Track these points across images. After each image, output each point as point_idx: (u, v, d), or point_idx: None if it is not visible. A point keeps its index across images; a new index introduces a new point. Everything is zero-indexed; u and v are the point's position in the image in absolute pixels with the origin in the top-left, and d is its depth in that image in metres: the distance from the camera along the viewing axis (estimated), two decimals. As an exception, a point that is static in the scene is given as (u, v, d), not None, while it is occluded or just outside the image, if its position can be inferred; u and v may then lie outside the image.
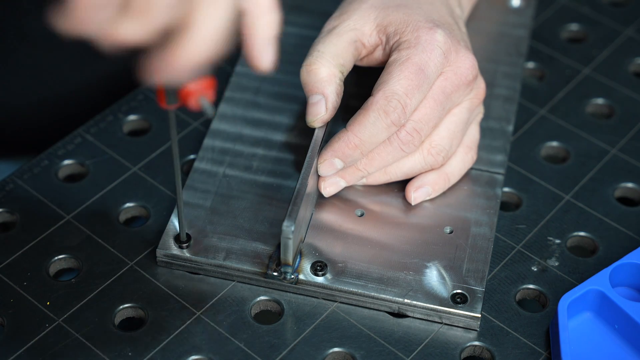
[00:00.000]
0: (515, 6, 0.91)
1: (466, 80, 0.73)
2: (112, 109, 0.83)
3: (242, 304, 0.71)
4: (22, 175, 0.78)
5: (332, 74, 0.72)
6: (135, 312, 0.71)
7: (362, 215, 0.75)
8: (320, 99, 0.72)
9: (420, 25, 0.73)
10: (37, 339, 0.69)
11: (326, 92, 0.72)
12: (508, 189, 0.79)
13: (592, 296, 0.70)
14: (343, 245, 0.73)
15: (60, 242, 0.74)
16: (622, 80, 0.88)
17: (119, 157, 0.80)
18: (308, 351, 0.69)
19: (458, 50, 0.73)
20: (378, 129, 0.71)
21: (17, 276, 0.72)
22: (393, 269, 0.72)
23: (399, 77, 0.71)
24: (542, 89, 0.87)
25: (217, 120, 0.80)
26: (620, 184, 0.80)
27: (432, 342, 0.70)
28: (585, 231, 0.77)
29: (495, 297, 0.72)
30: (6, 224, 0.76)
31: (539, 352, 0.70)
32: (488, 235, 0.74)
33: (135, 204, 0.77)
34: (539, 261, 0.75)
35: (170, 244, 0.72)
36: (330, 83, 0.72)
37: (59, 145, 0.80)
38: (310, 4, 0.90)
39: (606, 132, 0.84)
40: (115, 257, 0.73)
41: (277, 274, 0.71)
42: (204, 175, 0.77)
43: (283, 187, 0.76)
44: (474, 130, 0.78)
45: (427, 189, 0.75)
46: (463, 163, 0.77)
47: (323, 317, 0.71)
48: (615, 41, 0.91)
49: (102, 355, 0.68)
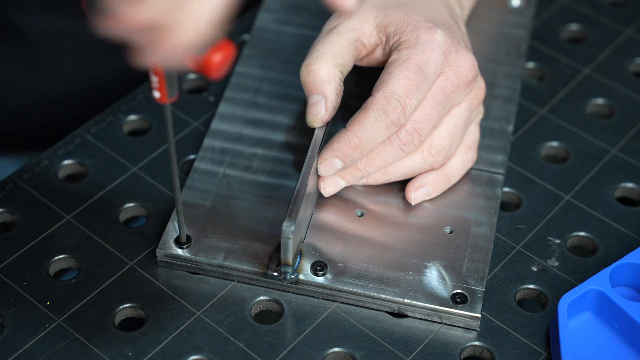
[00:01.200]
0: (515, 6, 0.91)
1: (466, 80, 0.73)
2: (112, 109, 0.83)
3: (242, 304, 0.71)
4: (22, 175, 0.78)
5: (332, 73, 0.72)
6: (135, 312, 0.71)
7: (362, 215, 0.75)
8: (320, 99, 0.72)
9: (420, 25, 0.73)
10: (37, 339, 0.69)
11: (326, 92, 0.72)
12: (508, 189, 0.79)
13: (592, 296, 0.70)
14: (343, 245, 0.73)
15: (60, 242, 0.74)
16: (622, 80, 0.88)
17: (119, 157, 0.80)
18: (308, 351, 0.69)
19: (458, 50, 0.73)
20: (378, 129, 0.71)
21: (17, 276, 0.72)
22: (393, 269, 0.72)
23: (399, 77, 0.71)
24: (542, 89, 0.87)
25: (217, 120, 0.80)
26: (620, 184, 0.80)
27: (432, 342, 0.70)
28: (585, 231, 0.77)
29: (495, 297, 0.72)
30: (6, 224, 0.76)
31: (539, 352, 0.70)
32: (488, 235, 0.74)
33: (135, 204, 0.77)
34: (539, 261, 0.75)
35: (170, 244, 0.72)
36: (330, 83, 0.72)
37: (59, 145, 0.80)
38: (310, 4, 0.89)
39: (606, 132, 0.84)
40: (115, 257, 0.73)
41: (277, 274, 0.71)
42: (204, 175, 0.77)
43: (283, 187, 0.76)
44: (474, 130, 0.78)
45: (427, 189, 0.75)
46: (463, 163, 0.77)
47: (323, 317, 0.71)
48: (615, 41, 0.91)
49: (102, 355, 0.68)
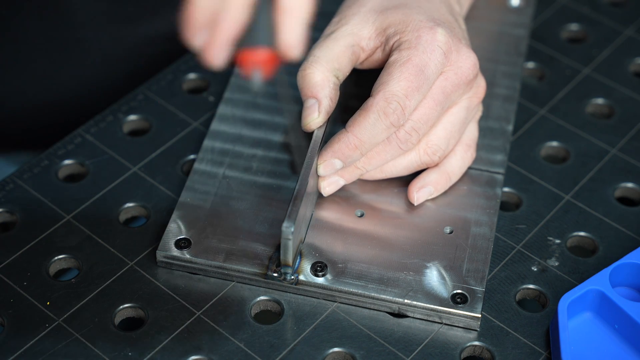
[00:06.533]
0: (515, 5, 0.91)
1: (467, 79, 0.73)
2: (112, 109, 0.83)
3: (242, 304, 0.71)
4: (22, 175, 0.78)
5: (326, 78, 0.72)
6: (135, 312, 0.71)
7: (362, 215, 0.75)
8: (314, 103, 0.72)
9: (421, 25, 0.73)
10: (37, 339, 0.69)
11: (319, 96, 0.72)
12: (508, 189, 0.79)
13: (592, 296, 0.70)
14: (343, 245, 0.73)
15: (60, 242, 0.74)
16: (622, 80, 0.88)
17: (119, 157, 0.79)
18: (308, 351, 0.69)
19: (459, 49, 0.73)
20: (377, 130, 0.71)
21: (17, 276, 0.72)
22: (393, 269, 0.72)
23: (399, 79, 0.71)
24: (542, 89, 0.87)
25: (216, 122, 0.80)
26: (620, 184, 0.80)
27: (432, 342, 0.70)
28: (585, 231, 0.77)
29: (495, 297, 0.72)
30: (6, 224, 0.76)
31: (539, 352, 0.70)
32: (488, 235, 0.74)
33: (135, 204, 0.77)
34: (539, 261, 0.75)
35: (170, 246, 0.72)
36: (324, 87, 0.72)
37: (59, 145, 0.80)
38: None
39: (606, 132, 0.84)
40: (115, 257, 0.73)
41: (277, 275, 0.71)
42: (204, 176, 0.77)
43: (283, 188, 0.76)
44: (473, 129, 0.78)
45: (430, 188, 0.76)
46: (463, 161, 0.77)
47: (323, 317, 0.71)
48: (615, 41, 0.91)
49: (102, 355, 0.68)
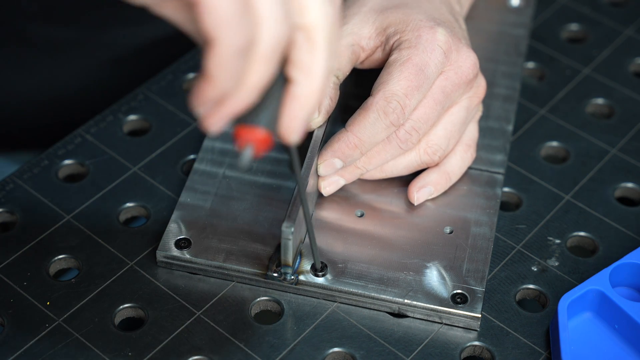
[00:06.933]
0: (515, 5, 0.91)
1: (467, 79, 0.73)
2: (112, 109, 0.83)
3: (242, 304, 0.71)
4: (22, 175, 0.78)
5: None
6: (135, 312, 0.71)
7: (362, 215, 0.75)
8: None
9: (421, 24, 0.73)
10: (37, 339, 0.69)
11: None
12: (508, 189, 0.79)
13: (592, 296, 0.70)
14: (343, 245, 0.73)
15: (60, 242, 0.74)
16: (622, 80, 0.88)
17: (119, 157, 0.80)
18: (308, 351, 0.69)
19: (459, 48, 0.73)
20: (377, 130, 0.71)
21: (17, 276, 0.72)
22: (393, 269, 0.72)
23: (399, 78, 0.71)
24: (542, 89, 0.87)
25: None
26: (620, 184, 0.80)
27: (432, 342, 0.70)
28: (585, 231, 0.77)
29: (495, 297, 0.72)
30: (6, 224, 0.76)
31: (539, 352, 0.70)
32: (488, 235, 0.74)
33: (135, 204, 0.77)
34: (539, 261, 0.75)
35: (170, 246, 0.72)
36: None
37: (59, 145, 0.80)
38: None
39: (606, 132, 0.84)
40: (115, 257, 0.73)
41: (277, 275, 0.71)
42: (204, 176, 0.77)
43: (283, 188, 0.76)
44: (473, 129, 0.78)
45: (430, 188, 0.76)
46: (463, 161, 0.77)
47: (323, 317, 0.71)
48: (615, 41, 0.91)
49: (102, 355, 0.68)
